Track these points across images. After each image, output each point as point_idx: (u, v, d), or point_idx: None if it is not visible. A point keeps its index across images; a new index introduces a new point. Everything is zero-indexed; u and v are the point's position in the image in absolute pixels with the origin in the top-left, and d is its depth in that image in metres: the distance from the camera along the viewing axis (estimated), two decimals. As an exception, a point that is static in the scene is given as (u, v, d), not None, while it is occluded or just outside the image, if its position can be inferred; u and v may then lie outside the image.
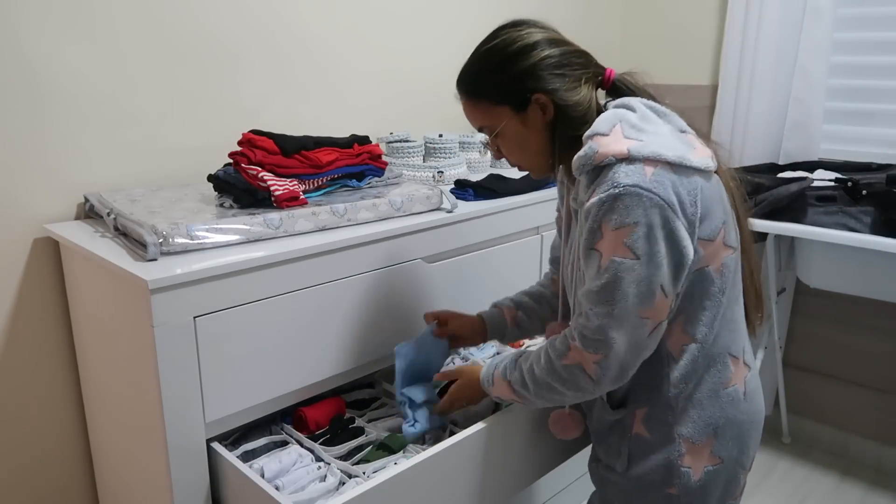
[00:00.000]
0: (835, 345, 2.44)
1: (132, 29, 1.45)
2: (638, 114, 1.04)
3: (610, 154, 0.98)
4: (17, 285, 1.38)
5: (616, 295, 0.97)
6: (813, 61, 2.23)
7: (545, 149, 1.11)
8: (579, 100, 1.07)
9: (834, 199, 1.97)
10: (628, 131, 1.00)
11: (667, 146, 0.99)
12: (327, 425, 1.38)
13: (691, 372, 1.08)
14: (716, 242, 1.04)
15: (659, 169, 0.97)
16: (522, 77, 1.06)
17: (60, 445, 1.49)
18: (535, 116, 1.08)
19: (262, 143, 1.37)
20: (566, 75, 1.07)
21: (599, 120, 1.03)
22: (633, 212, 0.95)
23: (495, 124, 1.11)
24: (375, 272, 1.38)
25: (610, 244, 0.97)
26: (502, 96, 1.09)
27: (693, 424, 1.10)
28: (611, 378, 1.03)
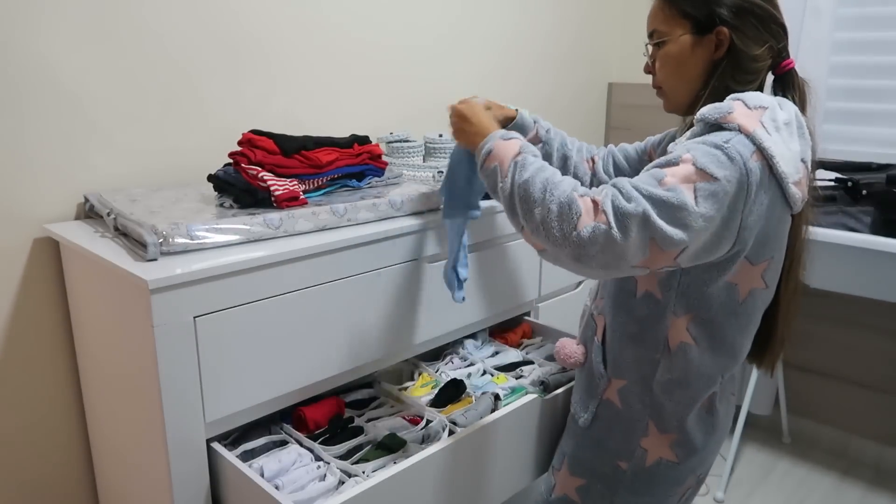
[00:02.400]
0: (835, 345, 2.44)
1: (132, 29, 1.45)
2: (785, 115, 1.02)
3: (738, 122, 0.96)
4: (17, 285, 1.38)
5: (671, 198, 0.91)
6: (813, 61, 2.23)
7: (696, 82, 1.09)
8: (756, 56, 1.06)
9: (834, 199, 1.97)
10: (767, 121, 0.98)
11: (783, 157, 0.98)
12: (326, 425, 1.38)
13: (682, 373, 1.09)
14: (755, 269, 1.04)
15: (763, 165, 0.96)
16: (723, 5, 1.05)
17: (60, 445, 1.49)
18: (707, 46, 1.07)
19: (262, 143, 1.38)
20: (759, 30, 1.06)
21: (754, 93, 1.02)
22: (722, 168, 0.92)
23: (668, 33, 1.09)
24: (375, 272, 1.38)
25: (683, 175, 0.92)
26: (693, 10, 1.07)
27: (664, 415, 1.12)
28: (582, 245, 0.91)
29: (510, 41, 2.34)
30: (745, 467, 2.41)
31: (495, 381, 1.55)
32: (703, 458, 1.18)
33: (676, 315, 1.08)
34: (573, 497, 1.23)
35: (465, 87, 2.19)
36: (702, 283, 1.05)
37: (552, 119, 2.64)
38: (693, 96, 1.10)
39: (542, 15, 2.43)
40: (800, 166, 1.02)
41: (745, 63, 1.06)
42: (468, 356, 1.67)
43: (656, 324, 1.10)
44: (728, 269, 1.03)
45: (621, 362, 1.15)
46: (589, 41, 2.65)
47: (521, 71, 2.41)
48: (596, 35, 2.68)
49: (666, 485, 1.16)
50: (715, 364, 1.10)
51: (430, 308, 1.50)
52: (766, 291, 1.08)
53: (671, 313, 1.08)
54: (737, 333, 1.09)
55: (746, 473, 2.37)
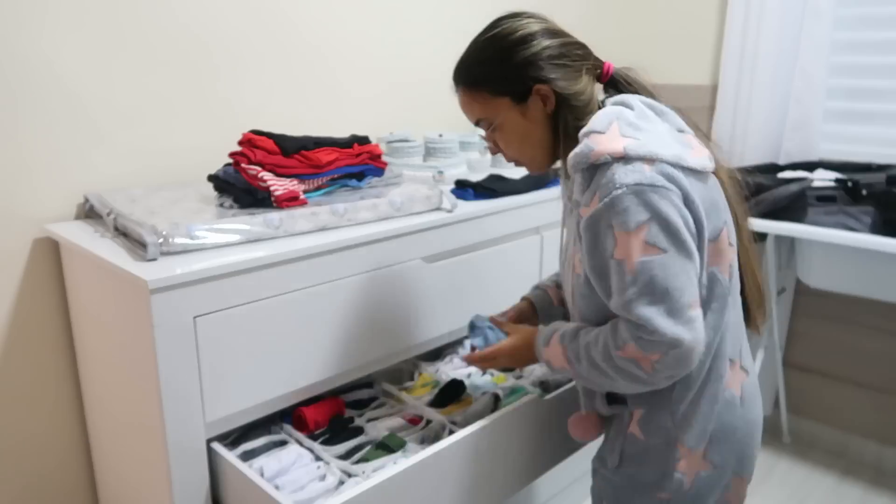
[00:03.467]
0: (835, 345, 2.44)
1: (132, 29, 1.45)
2: (636, 111, 1.02)
3: (606, 153, 0.96)
4: (17, 285, 1.38)
5: (658, 293, 0.94)
6: (813, 61, 2.23)
7: (546, 141, 1.09)
8: (581, 89, 1.05)
9: (834, 199, 1.97)
10: (625, 129, 0.98)
11: (664, 145, 0.97)
12: (327, 425, 1.38)
13: (695, 378, 1.05)
14: (719, 242, 1.02)
15: (657, 165, 0.95)
16: (523, 67, 1.04)
17: (60, 445, 1.49)
18: (535, 108, 1.06)
19: (262, 143, 1.38)
20: (567, 65, 1.05)
21: (596, 117, 1.01)
22: (643, 209, 0.93)
23: (494, 116, 1.08)
24: (376, 272, 1.38)
25: (631, 248, 0.94)
26: (502, 87, 1.06)
27: (692, 431, 1.06)
28: (667, 375, 0.98)
29: (510, 41, 2.33)
30: (745, 467, 2.41)
31: (495, 381, 1.55)
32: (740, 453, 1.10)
33: None
34: None
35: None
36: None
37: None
38: (550, 151, 1.10)
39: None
40: (682, 137, 1.03)
41: (577, 101, 1.05)
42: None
43: None
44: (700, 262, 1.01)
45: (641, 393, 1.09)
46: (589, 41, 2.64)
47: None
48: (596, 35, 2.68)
49: (711, 495, 1.11)
50: (723, 351, 1.06)
51: (430, 308, 1.50)
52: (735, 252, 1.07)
53: None
54: (731, 312, 1.07)
55: (746, 473, 2.37)
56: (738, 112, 2.40)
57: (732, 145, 2.43)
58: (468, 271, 1.59)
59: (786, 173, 2.15)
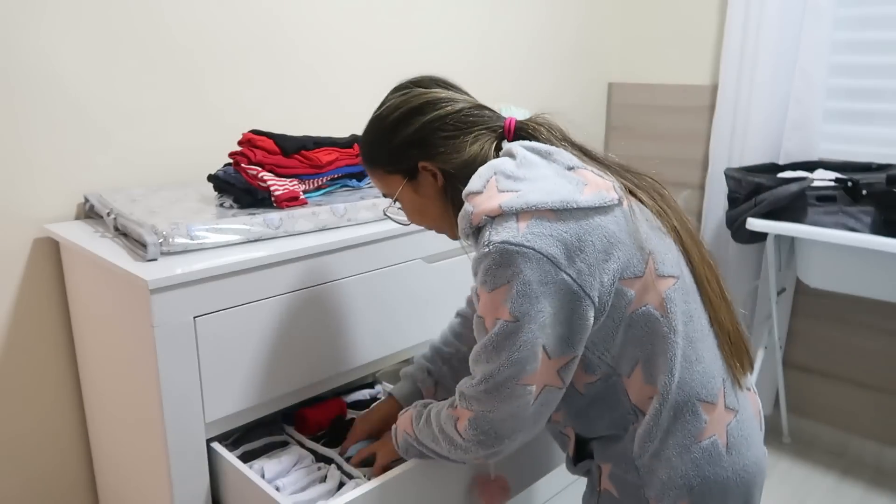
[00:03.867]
0: (835, 345, 2.44)
1: (132, 29, 1.45)
2: (517, 159, 0.96)
3: (483, 213, 0.92)
4: (17, 285, 1.38)
5: (493, 357, 0.91)
6: (813, 61, 2.23)
7: (445, 212, 1.05)
8: (468, 160, 1.00)
9: (834, 199, 1.97)
10: (503, 183, 0.93)
11: (546, 191, 0.91)
12: (328, 426, 1.38)
13: (653, 427, 0.95)
14: (645, 277, 0.93)
15: (535, 220, 0.89)
16: (406, 146, 1.02)
17: (60, 445, 1.49)
18: (426, 183, 1.03)
19: (262, 143, 1.38)
20: (453, 137, 1.00)
21: (474, 177, 0.96)
22: (504, 270, 0.88)
23: (392, 192, 1.07)
24: (375, 272, 1.38)
25: (489, 307, 0.91)
26: (392, 165, 1.05)
27: (662, 486, 0.96)
28: (480, 441, 0.95)
29: (510, 41, 2.34)
30: (745, 467, 2.41)
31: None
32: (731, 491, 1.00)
33: (626, 375, 0.97)
34: None
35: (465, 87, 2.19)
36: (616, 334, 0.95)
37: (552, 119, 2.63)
38: (452, 222, 1.04)
39: (542, 15, 2.42)
40: (572, 176, 0.95)
41: (463, 173, 0.99)
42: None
43: (615, 397, 0.99)
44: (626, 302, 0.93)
45: (601, 445, 1.04)
46: (589, 41, 2.65)
47: (521, 71, 2.41)
48: (596, 35, 2.68)
49: None
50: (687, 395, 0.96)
51: (431, 308, 1.50)
52: (678, 282, 0.96)
53: (618, 378, 0.98)
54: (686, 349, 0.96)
55: (746, 473, 2.37)
56: (738, 112, 2.40)
57: (732, 145, 2.43)
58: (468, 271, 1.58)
59: (786, 173, 2.15)
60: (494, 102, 2.36)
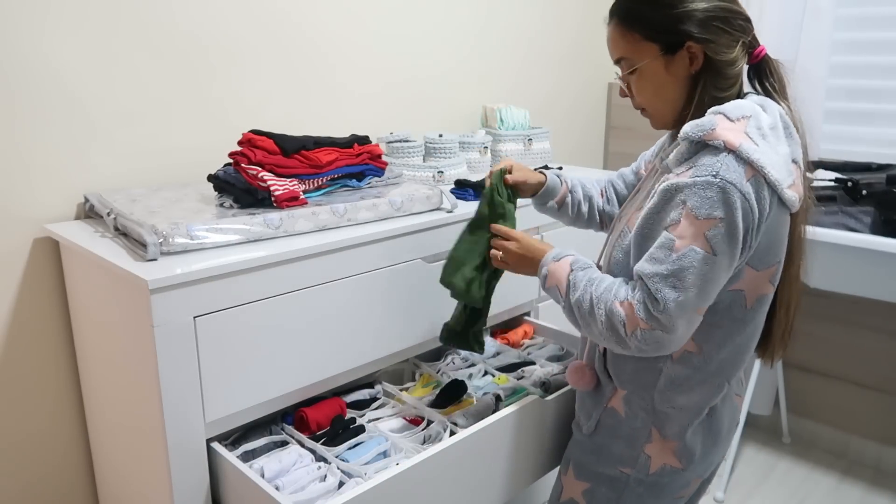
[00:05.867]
0: (835, 345, 2.44)
1: (132, 29, 1.45)
2: (770, 120, 1.01)
3: (722, 138, 0.95)
4: (17, 285, 1.38)
5: (685, 283, 0.95)
6: (813, 61, 2.23)
7: (679, 100, 1.07)
8: (731, 60, 1.03)
9: (834, 199, 1.97)
10: (752, 130, 0.97)
11: (773, 164, 0.97)
12: (328, 426, 1.38)
13: (685, 381, 1.08)
14: (762, 275, 1.04)
15: (756, 179, 0.96)
16: (683, 20, 1.01)
17: (60, 445, 1.49)
18: (681, 63, 1.04)
19: (262, 143, 1.37)
20: (726, 32, 1.02)
21: (734, 103, 1.00)
22: (722, 207, 0.94)
23: (637, 60, 1.06)
24: (375, 272, 1.38)
25: (690, 232, 0.95)
26: (656, 33, 1.04)
27: (669, 422, 1.11)
28: (640, 347, 1.00)
29: (510, 41, 2.33)
30: (745, 467, 2.41)
31: (496, 381, 1.55)
32: (708, 463, 1.17)
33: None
34: (579, 500, 1.22)
35: (465, 87, 2.19)
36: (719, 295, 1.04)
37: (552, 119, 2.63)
38: (678, 112, 1.08)
39: (542, 15, 2.42)
40: (791, 168, 1.02)
41: (724, 70, 1.03)
42: (469, 356, 1.67)
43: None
44: (734, 279, 1.03)
45: (624, 372, 1.13)
46: (589, 41, 2.65)
47: (522, 71, 2.41)
48: (596, 35, 2.68)
49: (671, 489, 1.16)
50: (720, 370, 1.09)
51: (431, 308, 1.50)
52: (772, 292, 1.09)
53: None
54: (743, 339, 1.08)
55: (746, 473, 2.37)
56: (738, 112, 2.40)
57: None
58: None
59: (786, 173, 2.15)
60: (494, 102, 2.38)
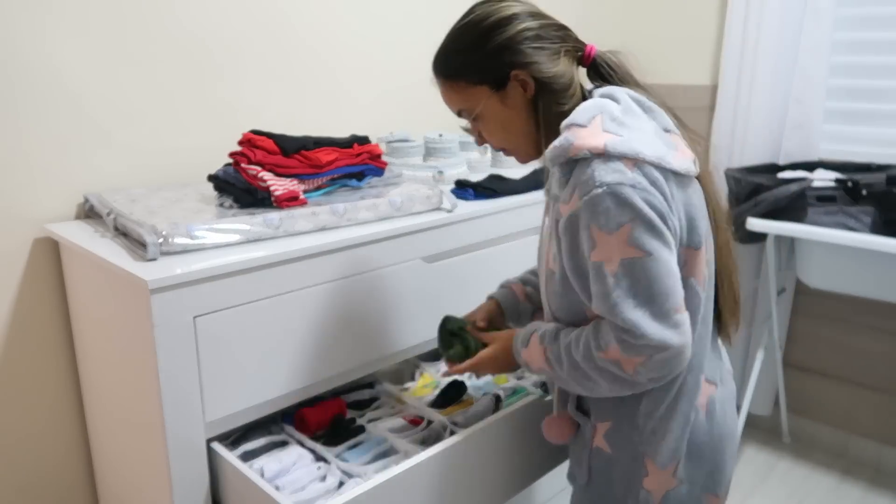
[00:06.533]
0: (835, 345, 2.44)
1: (132, 28, 1.45)
2: (622, 106, 0.97)
3: (585, 147, 0.92)
4: (17, 285, 1.38)
5: (641, 297, 0.90)
6: (813, 61, 2.23)
7: (529, 129, 1.04)
8: (560, 71, 1.01)
9: (834, 199, 1.97)
10: (608, 124, 0.94)
11: (647, 143, 0.93)
12: (328, 426, 1.38)
13: (666, 395, 1.02)
14: (700, 252, 0.98)
15: (638, 164, 0.92)
16: (499, 52, 1.00)
17: (60, 445, 1.49)
18: (515, 94, 1.02)
19: (262, 142, 1.37)
20: (545, 48, 1.01)
21: (579, 109, 0.97)
22: (623, 209, 0.89)
23: (474, 106, 1.05)
24: (375, 272, 1.38)
25: (612, 250, 0.91)
26: (480, 75, 1.03)
27: (660, 448, 1.03)
28: (651, 377, 0.94)
29: (510, 41, 2.33)
30: (745, 467, 2.41)
31: (496, 381, 1.55)
32: (711, 469, 1.08)
33: None
34: None
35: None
36: None
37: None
38: (535, 138, 1.05)
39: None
40: (668, 138, 0.98)
41: (556, 84, 1.01)
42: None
43: None
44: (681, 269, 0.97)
45: (603, 404, 1.07)
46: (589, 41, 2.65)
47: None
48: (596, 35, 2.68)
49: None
50: (693, 366, 1.02)
51: (431, 308, 1.50)
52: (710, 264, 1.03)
53: None
54: (703, 325, 1.02)
55: (746, 473, 2.37)
56: (738, 112, 2.40)
57: (732, 145, 2.43)
58: (468, 271, 1.59)
59: (786, 173, 2.15)
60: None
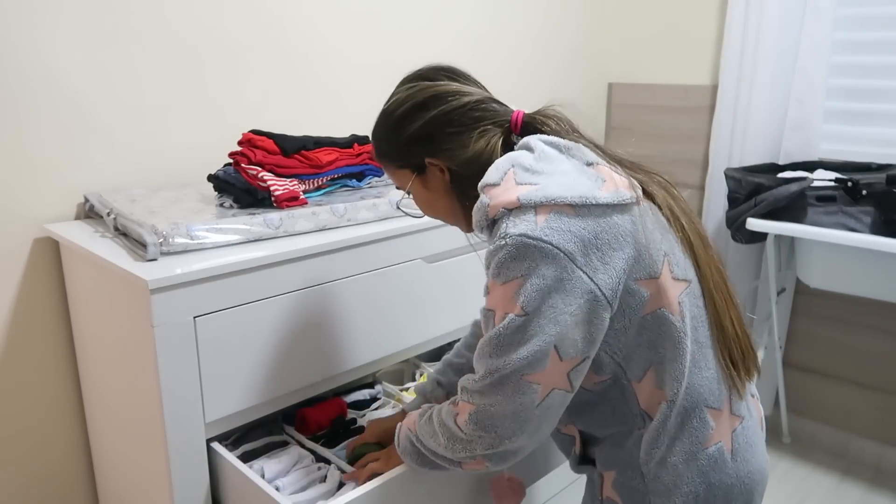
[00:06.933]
0: (835, 345, 2.44)
1: (132, 29, 1.45)
2: (535, 153, 0.94)
3: (500, 205, 0.90)
4: (17, 285, 1.38)
5: (500, 351, 0.88)
6: (813, 61, 2.23)
7: (454, 206, 1.04)
8: (476, 153, 0.98)
9: (834, 199, 1.97)
10: (521, 176, 0.91)
11: (566, 186, 0.89)
12: (329, 426, 1.38)
13: (661, 433, 0.95)
14: (661, 279, 0.92)
15: (554, 215, 0.87)
16: (411, 143, 1.01)
17: (60, 445, 1.49)
18: (434, 178, 1.02)
19: (262, 143, 1.37)
20: (458, 133, 0.99)
21: (491, 169, 0.95)
22: (519, 263, 0.86)
23: (403, 185, 1.07)
24: (375, 272, 1.38)
25: (500, 300, 0.89)
26: (400, 160, 1.05)
27: (667, 493, 0.96)
28: (479, 437, 0.92)
29: (510, 41, 2.34)
30: (745, 467, 2.41)
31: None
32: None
33: (636, 379, 0.96)
34: None
35: (465, 87, 2.19)
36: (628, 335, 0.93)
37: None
38: (464, 216, 1.04)
39: (542, 15, 2.42)
40: (591, 171, 0.94)
41: (472, 167, 0.98)
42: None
43: (623, 400, 0.98)
44: (642, 303, 0.92)
45: (604, 452, 1.04)
46: (589, 41, 2.65)
47: (521, 71, 2.41)
48: (596, 35, 2.68)
49: None
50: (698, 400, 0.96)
51: (431, 308, 1.50)
52: (690, 286, 0.96)
53: (628, 382, 0.96)
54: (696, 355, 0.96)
55: (746, 473, 2.37)
56: (738, 112, 2.40)
57: (732, 145, 2.43)
58: (468, 271, 1.59)
59: (786, 173, 2.15)
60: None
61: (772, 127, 2.35)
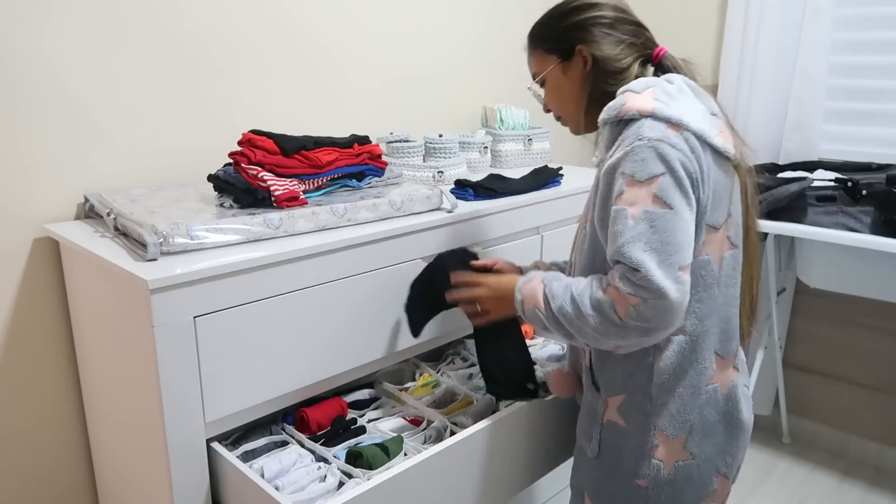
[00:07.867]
0: (835, 345, 2.44)
1: (132, 29, 1.45)
2: (675, 86, 1.07)
3: (635, 109, 1.02)
4: (17, 285, 1.38)
5: (654, 244, 0.96)
6: (813, 61, 2.23)
7: (580, 99, 1.17)
8: (618, 55, 1.13)
9: (834, 199, 1.97)
10: (660, 95, 1.04)
11: (693, 116, 1.02)
12: (329, 426, 1.38)
13: (676, 364, 1.07)
14: (719, 232, 1.06)
15: (681, 132, 1.00)
16: (572, 29, 1.16)
17: (60, 445, 1.49)
18: (576, 67, 1.16)
19: (262, 143, 1.37)
20: (612, 35, 1.14)
21: (636, 81, 1.09)
22: (658, 163, 0.98)
23: (542, 71, 1.21)
24: (375, 272, 1.38)
25: (639, 197, 0.98)
26: (552, 45, 1.19)
27: (671, 418, 1.09)
28: (641, 325, 0.97)
29: (511, 41, 2.33)
30: (745, 467, 2.41)
31: (495, 381, 1.55)
32: (722, 450, 1.12)
33: None
34: None
35: (465, 87, 2.19)
36: None
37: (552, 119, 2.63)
38: (583, 111, 1.18)
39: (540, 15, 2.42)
40: (714, 120, 1.07)
41: (609, 65, 1.13)
42: (469, 356, 1.67)
43: None
44: (697, 244, 1.03)
45: (614, 378, 1.12)
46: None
47: (521, 71, 2.40)
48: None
49: (691, 489, 1.11)
50: (708, 346, 1.08)
51: (431, 308, 1.50)
52: (735, 251, 1.10)
53: None
54: (724, 308, 1.10)
55: (746, 473, 2.37)
56: (738, 112, 2.40)
57: (732, 145, 2.43)
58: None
59: (786, 173, 2.15)
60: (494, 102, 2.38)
61: (772, 127, 2.35)
